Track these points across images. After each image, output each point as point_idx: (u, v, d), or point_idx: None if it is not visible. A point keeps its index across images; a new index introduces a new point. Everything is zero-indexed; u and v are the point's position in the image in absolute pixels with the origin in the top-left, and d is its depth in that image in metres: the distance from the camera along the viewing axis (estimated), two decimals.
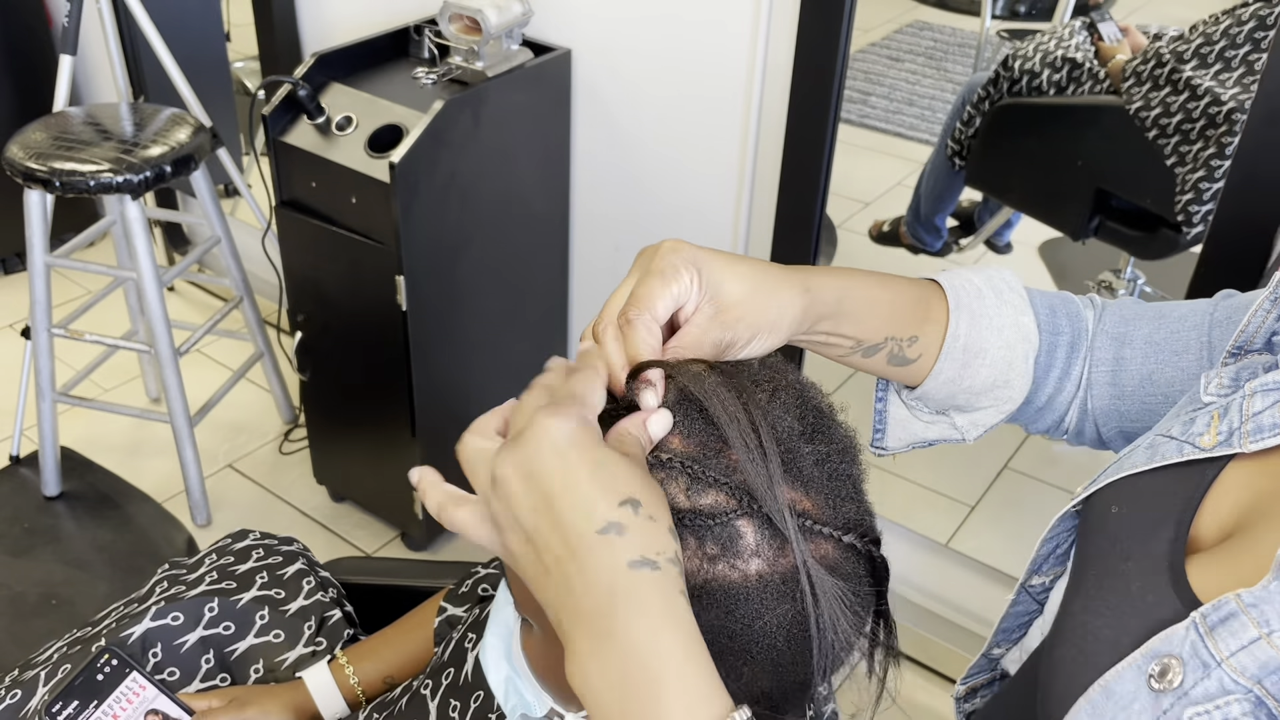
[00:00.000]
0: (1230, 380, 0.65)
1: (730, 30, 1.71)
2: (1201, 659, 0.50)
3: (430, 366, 1.88)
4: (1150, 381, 0.76)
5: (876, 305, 0.72)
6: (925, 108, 3.38)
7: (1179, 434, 0.63)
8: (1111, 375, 0.77)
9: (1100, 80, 2.30)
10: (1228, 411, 0.62)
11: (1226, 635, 0.49)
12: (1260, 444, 0.58)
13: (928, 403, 0.78)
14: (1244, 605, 0.49)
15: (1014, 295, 0.76)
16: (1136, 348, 0.76)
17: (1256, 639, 0.48)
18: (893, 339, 0.73)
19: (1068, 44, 2.35)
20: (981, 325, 0.74)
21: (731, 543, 0.54)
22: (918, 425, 0.80)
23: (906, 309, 0.73)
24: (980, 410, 0.78)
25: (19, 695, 0.99)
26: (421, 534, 2.07)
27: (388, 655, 1.04)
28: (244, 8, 2.32)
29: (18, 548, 2.10)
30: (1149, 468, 0.63)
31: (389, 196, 1.68)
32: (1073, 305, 0.79)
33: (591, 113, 1.96)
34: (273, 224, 1.92)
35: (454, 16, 1.76)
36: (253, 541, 1.16)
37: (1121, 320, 0.78)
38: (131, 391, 2.51)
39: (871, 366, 0.75)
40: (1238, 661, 0.48)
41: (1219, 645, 0.49)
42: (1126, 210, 2.26)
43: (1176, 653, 0.51)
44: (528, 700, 0.69)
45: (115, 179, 1.86)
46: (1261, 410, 0.60)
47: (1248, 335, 0.68)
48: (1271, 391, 0.60)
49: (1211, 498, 0.59)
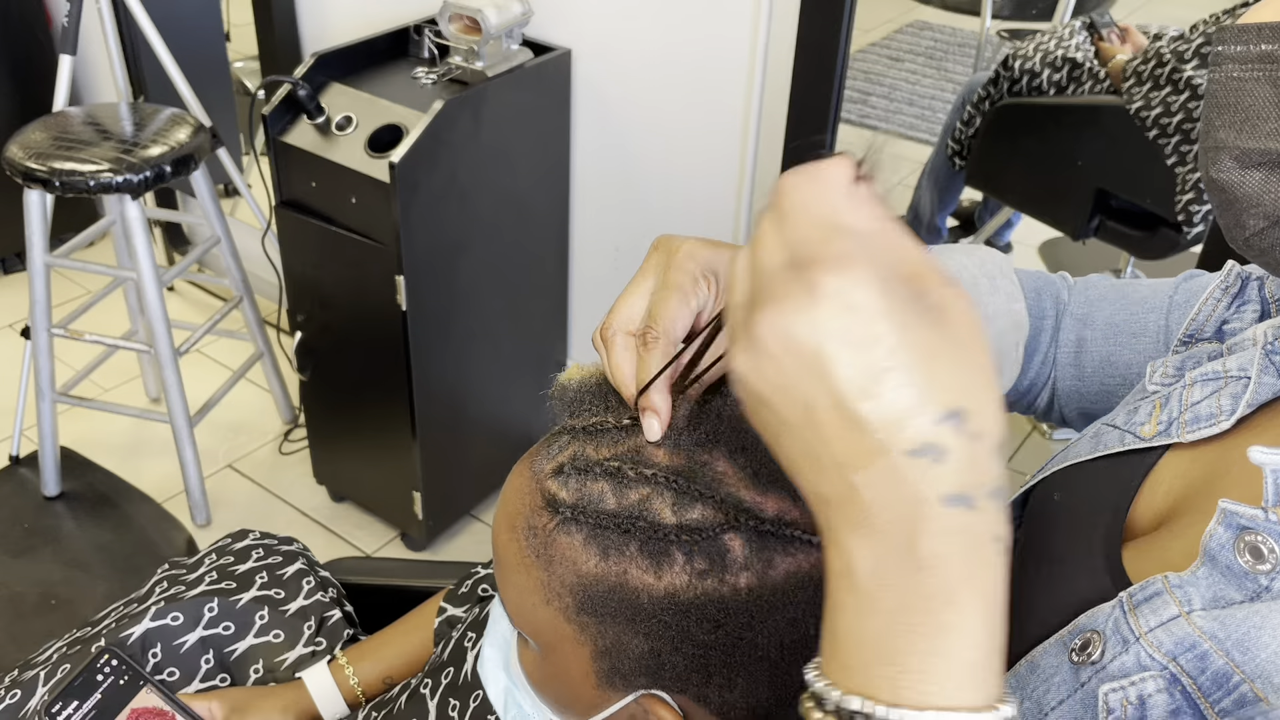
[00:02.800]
0: (1175, 369, 0.66)
1: (730, 30, 1.71)
2: (1121, 634, 0.50)
3: (430, 366, 1.88)
4: (1109, 364, 0.76)
5: None
6: (925, 108, 3.38)
7: (1122, 423, 0.64)
8: (1074, 356, 0.78)
9: (1100, 80, 2.30)
10: (1168, 401, 0.62)
11: (1148, 612, 0.50)
12: (1196, 434, 0.59)
13: None
14: (1169, 586, 0.50)
15: (1006, 281, 0.76)
16: (1097, 329, 0.77)
17: (1175, 616, 0.49)
18: None
19: (1068, 44, 2.35)
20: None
21: (720, 557, 0.54)
22: None
23: None
24: None
25: (18, 695, 0.99)
26: (421, 534, 2.07)
27: (387, 655, 1.04)
28: (244, 8, 2.32)
29: (17, 548, 2.10)
30: (1091, 457, 0.64)
31: (389, 196, 1.68)
32: (1054, 286, 0.79)
33: (591, 113, 1.96)
34: (273, 224, 1.92)
35: (454, 16, 1.76)
36: (252, 541, 1.16)
37: (1086, 301, 0.78)
38: (131, 391, 2.51)
39: None
40: (1155, 638, 0.49)
41: (1139, 621, 0.50)
42: (1126, 210, 2.26)
43: (1099, 628, 0.51)
44: (526, 711, 0.68)
45: (115, 179, 1.86)
46: (1199, 400, 0.60)
47: (1198, 324, 0.69)
48: (1210, 381, 0.61)
49: (1148, 485, 0.60)
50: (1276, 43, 0.50)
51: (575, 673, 0.60)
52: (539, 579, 0.58)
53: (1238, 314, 0.69)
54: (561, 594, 0.57)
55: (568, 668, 0.60)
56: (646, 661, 0.57)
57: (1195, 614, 0.48)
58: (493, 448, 2.15)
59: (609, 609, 0.56)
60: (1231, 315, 0.69)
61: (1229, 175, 0.53)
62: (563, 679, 0.62)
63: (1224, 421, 0.58)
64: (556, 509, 0.57)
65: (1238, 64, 0.52)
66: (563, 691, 0.63)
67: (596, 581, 0.56)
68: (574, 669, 0.60)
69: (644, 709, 0.60)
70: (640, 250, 2.06)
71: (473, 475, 2.16)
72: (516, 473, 0.62)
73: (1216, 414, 0.58)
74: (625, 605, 0.55)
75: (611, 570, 0.55)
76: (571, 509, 0.56)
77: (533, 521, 0.58)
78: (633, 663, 0.57)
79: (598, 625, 0.57)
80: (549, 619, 0.59)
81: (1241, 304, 0.69)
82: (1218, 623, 0.48)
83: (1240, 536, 0.50)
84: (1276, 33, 0.50)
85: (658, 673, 0.57)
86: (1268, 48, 0.50)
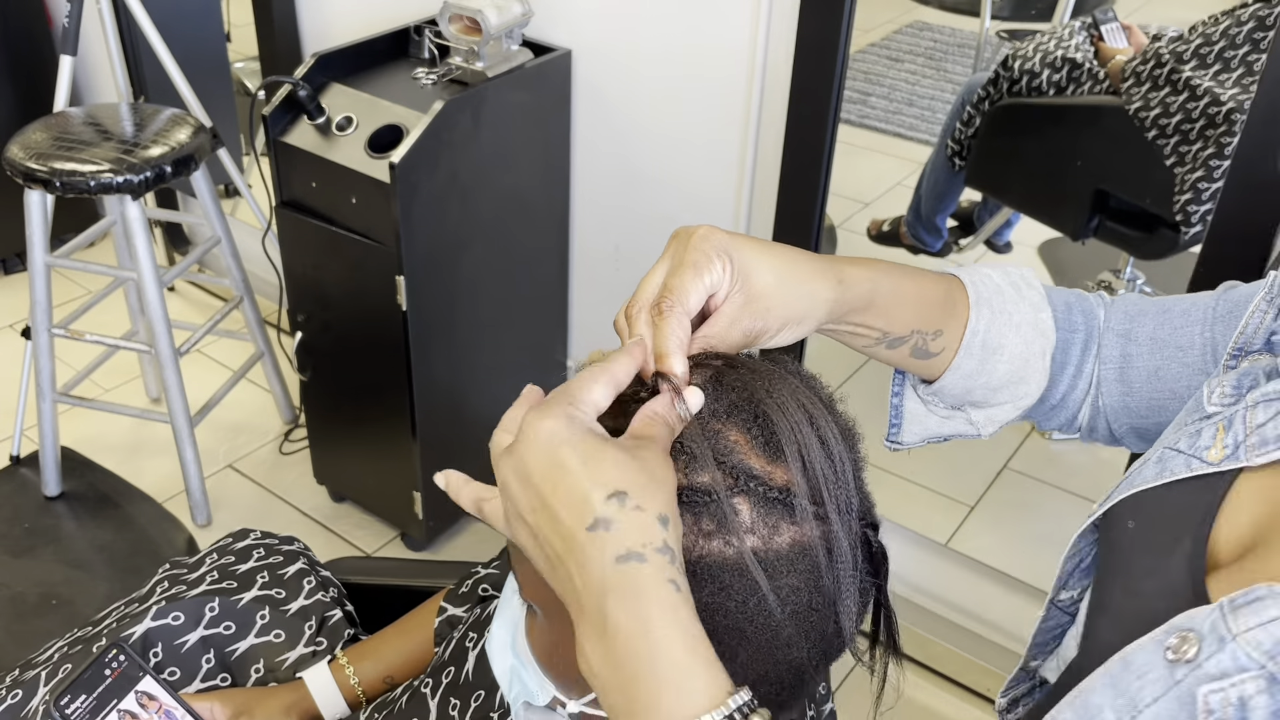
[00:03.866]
0: (1232, 388, 0.64)
1: (730, 30, 1.71)
2: (1218, 633, 0.49)
3: (430, 366, 1.88)
4: (1157, 378, 0.75)
5: (905, 299, 0.72)
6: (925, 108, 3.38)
7: (1186, 448, 0.63)
8: (1119, 372, 0.77)
9: (1100, 80, 2.30)
10: (1232, 424, 0.61)
11: (1248, 613, 0.48)
12: (1266, 457, 0.57)
13: (944, 397, 0.78)
14: (1274, 593, 0.48)
15: (1032, 292, 0.76)
16: (1142, 344, 0.76)
17: (1276, 617, 0.47)
18: (918, 332, 0.73)
19: (1067, 44, 2.35)
20: (1000, 321, 0.74)
21: (726, 520, 0.55)
22: (933, 420, 0.80)
23: (933, 303, 0.73)
24: (996, 406, 0.78)
25: (20, 695, 0.99)
26: (421, 534, 2.07)
27: (388, 655, 1.05)
28: (244, 8, 2.32)
29: (18, 548, 2.10)
30: (1159, 483, 0.63)
31: (389, 196, 1.68)
32: (1086, 302, 0.78)
33: (591, 113, 1.96)
34: (273, 224, 1.92)
35: (454, 17, 1.76)
36: (253, 541, 1.17)
37: (1126, 316, 0.78)
38: (131, 391, 2.51)
39: (894, 359, 0.75)
40: (1253, 637, 0.47)
41: (1238, 621, 0.48)
42: (1126, 210, 2.26)
43: (1195, 628, 0.50)
44: (531, 689, 0.69)
45: (115, 179, 1.87)
46: (1264, 422, 0.59)
47: (1246, 337, 0.68)
48: (1273, 402, 0.60)
49: (1227, 511, 0.59)
50: None
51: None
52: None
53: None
54: None
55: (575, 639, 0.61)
56: None
57: None
58: None
59: None
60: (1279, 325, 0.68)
61: None
62: (569, 651, 0.62)
63: None
64: None
65: None
66: (569, 664, 0.64)
67: None
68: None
69: None
70: (640, 250, 2.06)
71: (473, 475, 2.15)
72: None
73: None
74: None
75: None
76: None
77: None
78: None
79: None
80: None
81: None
82: None
83: None
84: None
85: None
86: None
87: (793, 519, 0.56)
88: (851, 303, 0.68)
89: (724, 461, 0.56)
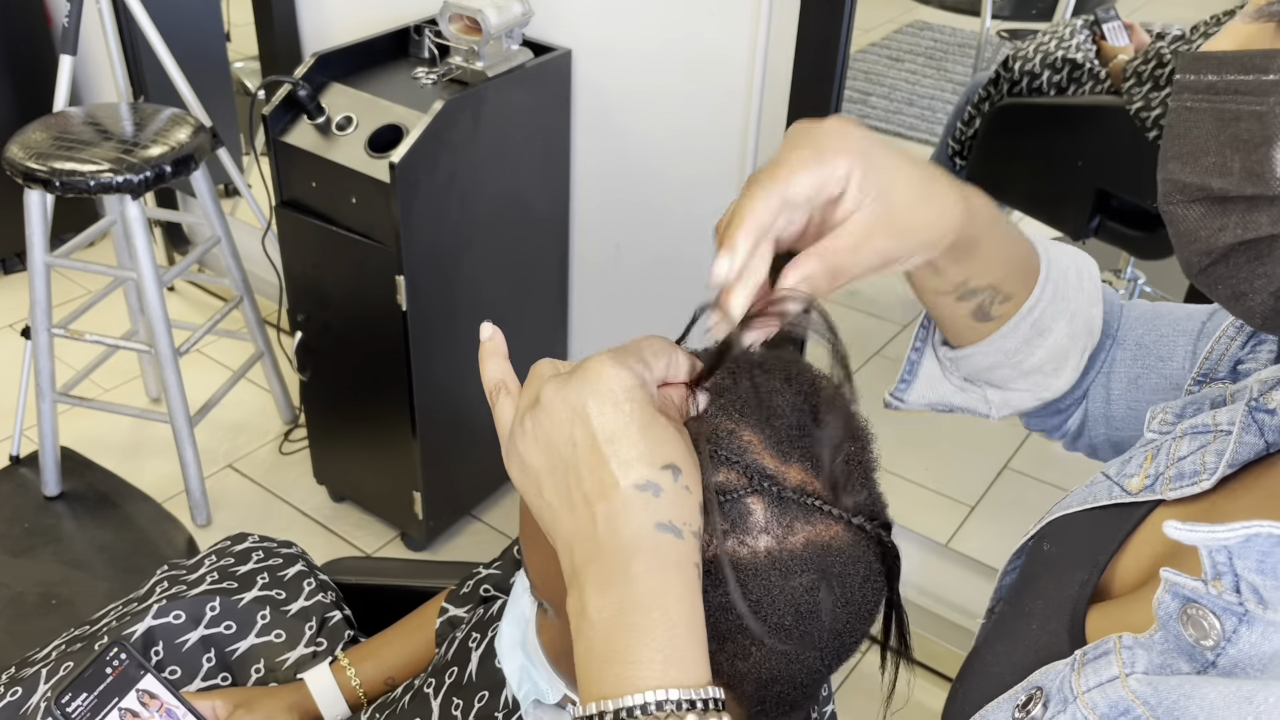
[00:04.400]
0: (1174, 416, 0.63)
1: (730, 30, 1.71)
2: (1063, 693, 0.49)
3: (430, 366, 1.88)
4: (1135, 386, 0.73)
5: (1005, 250, 0.67)
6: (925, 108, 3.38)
7: (1114, 474, 0.62)
8: (1105, 378, 0.75)
9: (1101, 80, 2.30)
10: (1159, 453, 0.60)
11: (1090, 672, 0.48)
12: (1179, 492, 0.56)
13: (964, 367, 0.75)
14: (1120, 646, 0.48)
15: (1091, 285, 0.73)
16: (1127, 349, 0.74)
17: (1114, 678, 0.47)
18: (994, 289, 0.69)
19: (1068, 44, 2.35)
20: (1059, 305, 0.71)
21: (741, 519, 0.55)
22: (946, 387, 0.77)
23: (1020, 264, 0.69)
24: (1015, 391, 0.75)
25: (19, 693, 0.99)
26: (421, 534, 2.07)
27: (389, 656, 1.04)
28: (244, 8, 2.32)
29: (18, 548, 2.10)
30: (1081, 508, 0.62)
31: (389, 196, 1.68)
32: (1117, 307, 0.76)
33: (591, 113, 1.96)
34: (273, 224, 1.92)
35: (454, 16, 1.76)
36: (252, 544, 1.17)
37: (1124, 321, 0.76)
38: (131, 391, 2.51)
39: (952, 311, 0.70)
40: (1090, 699, 0.47)
41: (1080, 681, 0.48)
42: (1127, 210, 2.26)
43: (1044, 685, 0.50)
44: (541, 687, 0.69)
45: (115, 179, 1.86)
46: (1186, 455, 0.58)
47: (1211, 362, 0.66)
48: (1200, 435, 0.58)
49: (1134, 543, 0.58)
50: (1221, 74, 0.47)
51: None
52: None
53: (1253, 353, 0.65)
54: None
55: None
56: None
57: (1134, 677, 0.47)
58: (493, 448, 2.14)
59: None
60: (1246, 355, 0.66)
61: (1175, 209, 0.50)
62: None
63: (1205, 481, 0.55)
64: None
65: (1190, 93, 0.49)
66: None
67: None
68: None
69: None
70: (640, 250, 2.06)
71: (473, 475, 2.16)
72: None
73: (1200, 471, 0.56)
74: None
75: None
76: None
77: None
78: None
79: None
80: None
81: (1258, 343, 0.65)
82: (1151, 688, 0.46)
83: (1184, 608, 0.47)
84: (1222, 64, 0.47)
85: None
86: (1213, 78, 0.47)
87: (807, 519, 0.56)
88: (970, 233, 0.62)
89: (738, 461, 0.56)
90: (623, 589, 0.49)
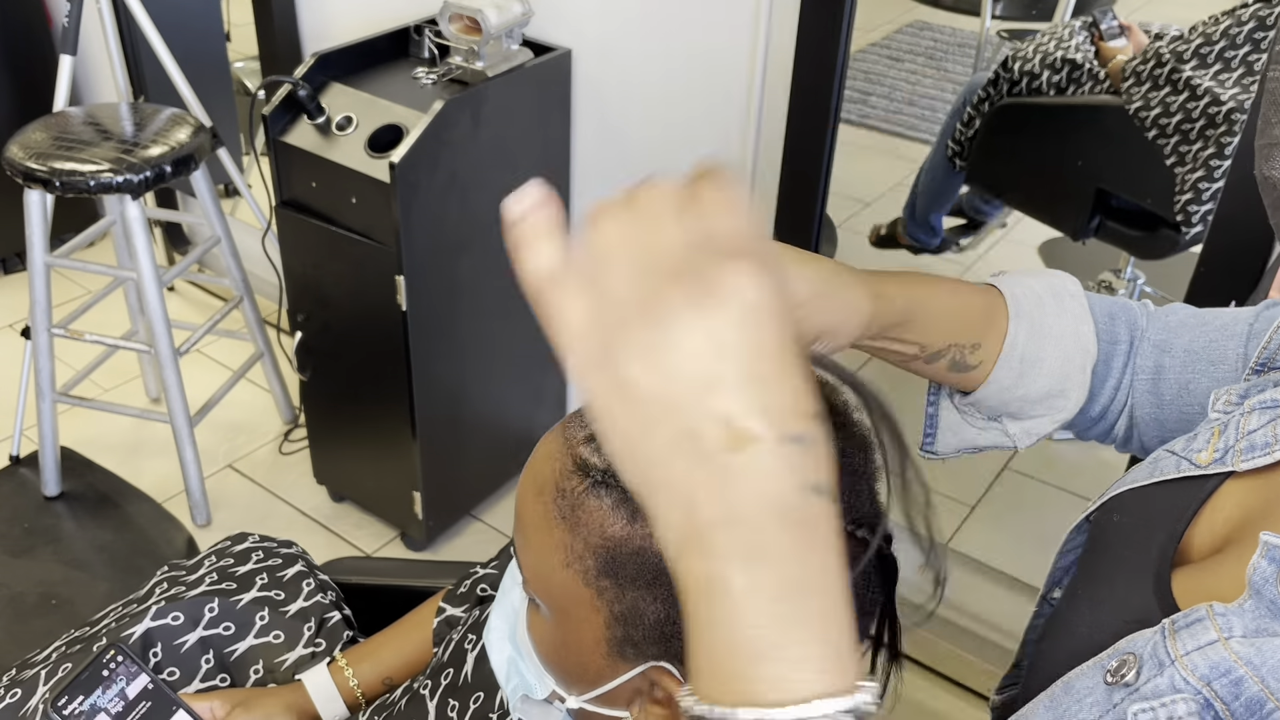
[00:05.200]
0: (1238, 397, 0.64)
1: (731, 30, 1.71)
2: (1158, 657, 0.49)
3: (430, 366, 1.88)
4: (1187, 391, 0.74)
5: (943, 312, 0.70)
6: (925, 108, 3.38)
7: (1180, 450, 0.63)
8: (1152, 384, 0.76)
9: (1100, 80, 2.30)
10: (1226, 428, 0.61)
11: (1187, 637, 0.49)
12: (1251, 463, 0.58)
13: (980, 409, 0.77)
14: (1213, 614, 0.49)
15: (1074, 303, 0.74)
16: (1176, 356, 0.75)
17: (1214, 641, 0.48)
18: (955, 346, 0.72)
19: (1067, 44, 2.35)
20: (1040, 334, 0.73)
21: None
22: (969, 431, 0.79)
23: (973, 316, 0.72)
24: (1033, 419, 0.77)
25: (19, 694, 0.99)
26: (421, 534, 2.07)
27: (386, 657, 1.04)
28: (244, 8, 2.32)
29: (18, 548, 2.10)
30: (1148, 482, 0.63)
31: (389, 196, 1.68)
32: (1131, 312, 0.77)
33: (591, 112, 1.96)
34: (273, 224, 1.92)
35: (454, 16, 1.76)
36: (252, 544, 1.17)
37: (1165, 328, 0.76)
38: (131, 391, 2.51)
39: (932, 373, 0.74)
40: (1190, 661, 0.48)
41: (1177, 645, 0.49)
42: (1126, 210, 2.26)
43: (1136, 651, 0.51)
44: (530, 682, 0.69)
45: (115, 179, 1.87)
46: (1256, 428, 0.59)
47: (1270, 352, 0.67)
48: (1268, 409, 0.60)
49: (1206, 512, 0.59)
50: None
51: (587, 640, 0.61)
52: (562, 541, 0.59)
53: None
54: (584, 556, 0.58)
55: (580, 635, 0.61)
56: (660, 629, 0.58)
57: (1234, 640, 0.47)
58: (493, 448, 2.15)
59: (630, 572, 0.57)
60: None
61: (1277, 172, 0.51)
62: (572, 646, 0.62)
63: (1278, 451, 0.57)
64: (588, 473, 0.58)
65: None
66: (571, 660, 0.64)
67: (622, 544, 0.57)
68: (586, 636, 0.61)
69: (650, 681, 0.60)
70: None
71: (473, 475, 2.16)
72: (548, 440, 0.63)
73: (1272, 442, 0.57)
74: (647, 569, 0.56)
75: (638, 533, 0.56)
76: (604, 473, 0.58)
77: (562, 485, 0.59)
78: (646, 630, 0.58)
79: (616, 589, 0.58)
80: (567, 582, 0.60)
81: None
82: (1254, 649, 0.47)
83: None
84: None
85: (669, 642, 0.58)
86: None
87: None
88: (889, 317, 0.67)
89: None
90: (776, 565, 0.40)
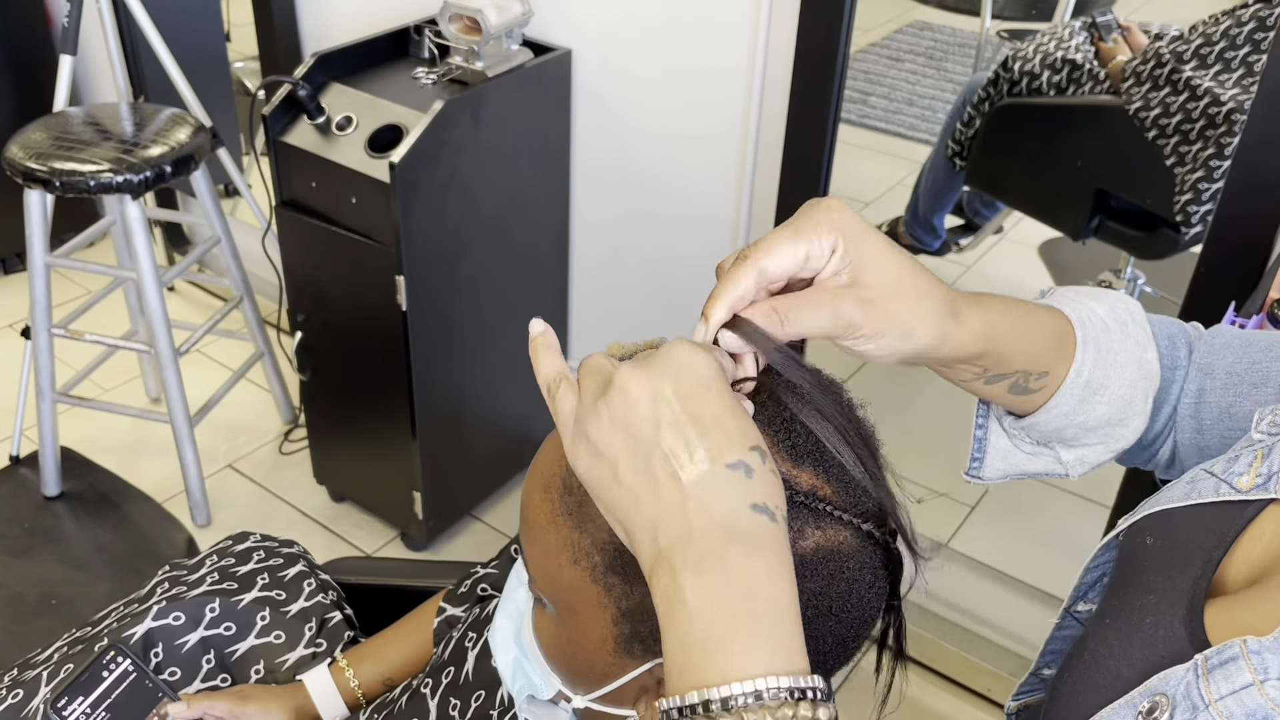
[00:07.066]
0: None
1: (730, 30, 1.71)
2: (1192, 700, 0.48)
3: (430, 366, 1.88)
4: (1229, 415, 0.71)
5: (1022, 340, 0.66)
6: (925, 108, 3.38)
7: (1219, 471, 0.61)
8: (1194, 408, 0.73)
9: (1100, 80, 2.30)
10: (1270, 453, 0.59)
11: (1221, 679, 0.47)
12: None
13: (1032, 433, 0.73)
14: (1247, 651, 0.47)
15: (1138, 329, 0.71)
16: (1218, 379, 0.72)
17: (1249, 685, 0.46)
18: (1022, 372, 0.67)
19: (1067, 45, 2.35)
20: (1106, 361, 0.69)
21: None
22: (1019, 456, 0.75)
23: (1047, 344, 0.67)
24: (1087, 446, 0.73)
25: (20, 695, 0.99)
26: (421, 534, 2.07)
27: (387, 656, 1.05)
28: (244, 8, 2.32)
29: (18, 548, 2.10)
30: (1185, 503, 0.61)
31: (389, 196, 1.68)
32: (1186, 335, 0.74)
33: (591, 113, 1.96)
34: (273, 224, 1.92)
35: (454, 16, 1.76)
36: (253, 544, 1.17)
37: (1209, 350, 0.73)
38: (131, 391, 2.51)
39: (987, 392, 0.69)
40: (1225, 706, 0.46)
41: (1211, 688, 0.47)
42: (1126, 210, 2.26)
43: (1170, 692, 0.49)
44: (535, 683, 0.69)
45: (115, 179, 1.87)
46: None
47: None
48: None
49: (1245, 540, 0.57)
50: None
51: (593, 638, 0.61)
52: (569, 538, 0.59)
53: None
54: (591, 553, 0.58)
55: (586, 633, 0.61)
56: None
57: (1270, 683, 0.45)
58: (493, 448, 2.15)
59: (637, 569, 0.56)
60: None
61: None
62: (579, 645, 0.62)
63: None
64: None
65: None
66: (577, 659, 0.63)
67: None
68: (592, 634, 0.61)
69: (656, 679, 0.60)
70: (640, 250, 2.06)
71: (473, 475, 2.16)
72: (554, 437, 0.63)
73: None
74: None
75: None
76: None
77: (569, 482, 0.59)
78: (653, 626, 0.57)
79: (624, 586, 0.58)
80: (573, 579, 0.59)
81: None
82: None
83: None
84: None
85: None
86: None
87: (817, 524, 0.57)
88: (964, 345, 0.62)
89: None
90: (720, 573, 0.49)
